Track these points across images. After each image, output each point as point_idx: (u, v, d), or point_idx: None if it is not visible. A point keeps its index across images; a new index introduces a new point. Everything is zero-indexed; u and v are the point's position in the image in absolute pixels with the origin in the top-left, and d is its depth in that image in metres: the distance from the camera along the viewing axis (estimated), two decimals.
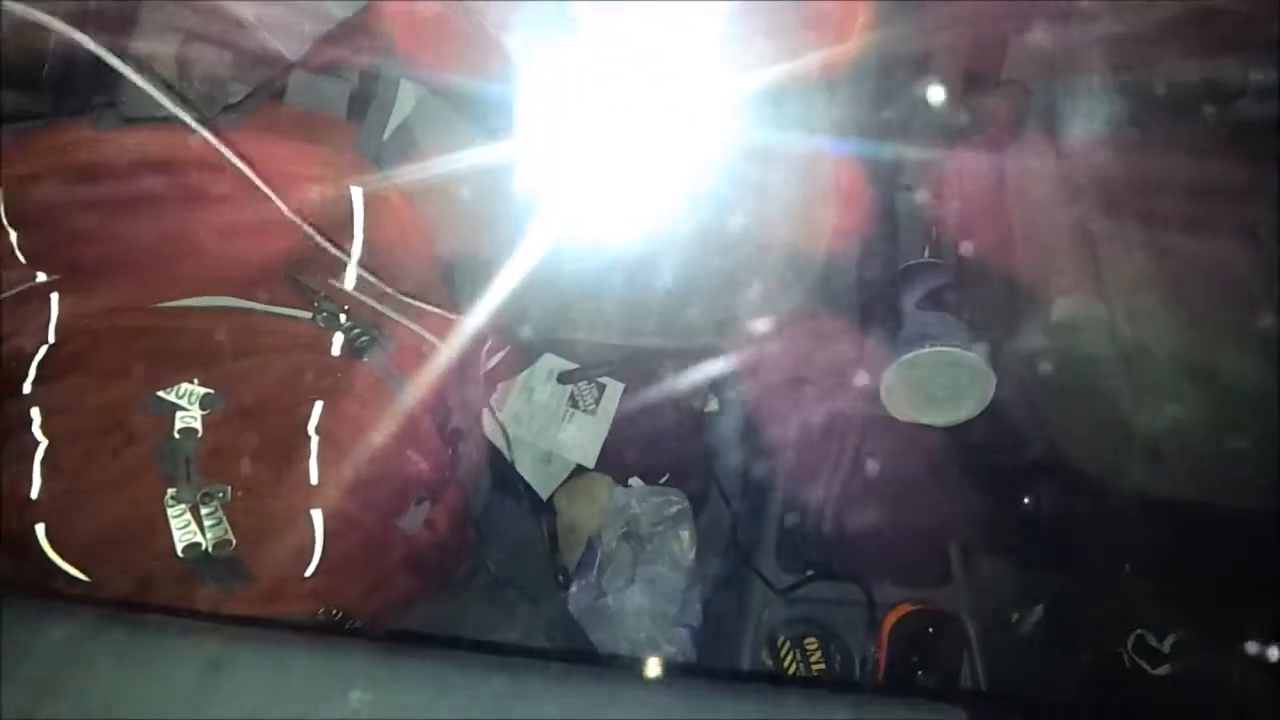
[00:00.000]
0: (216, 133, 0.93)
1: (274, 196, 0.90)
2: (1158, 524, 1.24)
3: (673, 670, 1.24)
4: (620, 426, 1.45)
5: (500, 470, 1.45)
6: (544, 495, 1.45)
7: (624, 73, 1.12)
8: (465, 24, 1.11)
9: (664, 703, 0.72)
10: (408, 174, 1.05)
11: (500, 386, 1.42)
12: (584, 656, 1.26)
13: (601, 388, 1.45)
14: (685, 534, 1.36)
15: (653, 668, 1.24)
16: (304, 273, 0.99)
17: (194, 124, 0.85)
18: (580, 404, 1.44)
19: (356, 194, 0.98)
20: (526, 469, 1.44)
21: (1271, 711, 1.11)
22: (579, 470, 1.46)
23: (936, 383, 1.26)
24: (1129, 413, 1.14)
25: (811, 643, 1.31)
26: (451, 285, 1.13)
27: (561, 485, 1.45)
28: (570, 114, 1.13)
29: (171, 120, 0.92)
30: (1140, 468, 1.15)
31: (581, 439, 1.44)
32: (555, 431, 1.44)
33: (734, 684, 0.74)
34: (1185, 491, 1.16)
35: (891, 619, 1.29)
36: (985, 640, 1.36)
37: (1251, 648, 1.28)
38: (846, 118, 1.28)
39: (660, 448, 1.46)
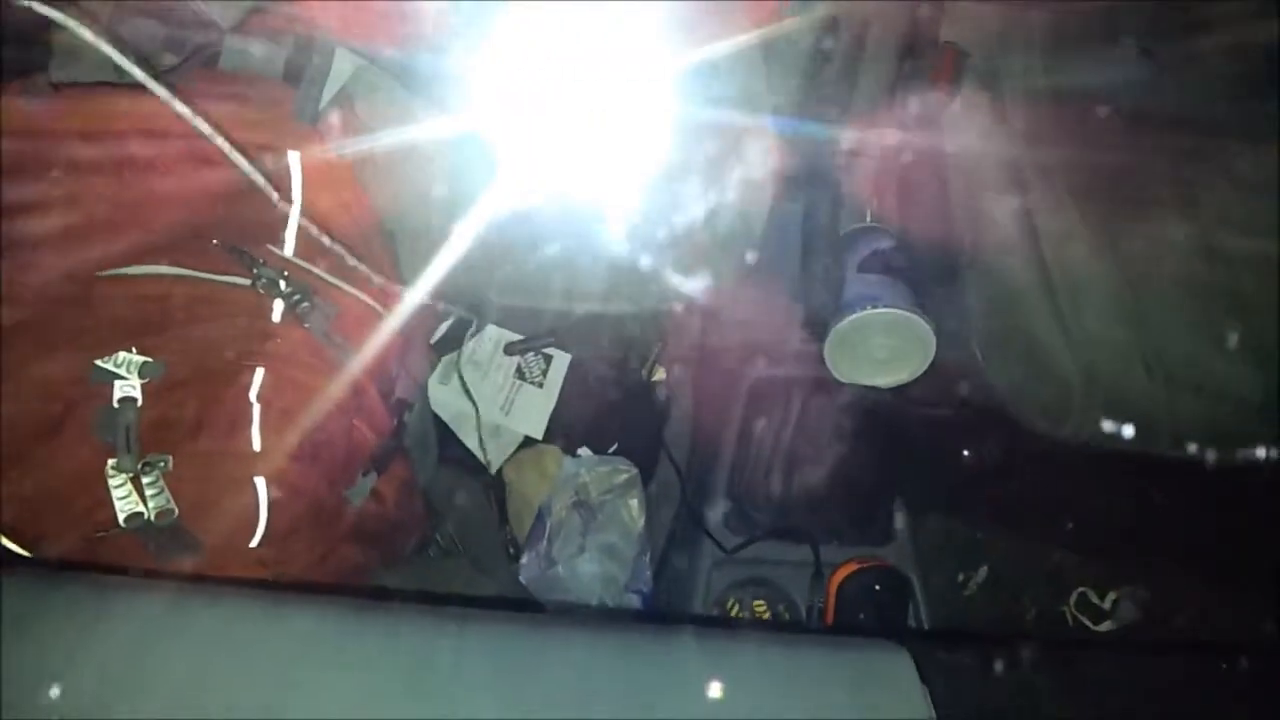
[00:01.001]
0: (149, 101, 0.92)
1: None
2: (1097, 476, 1.26)
3: (621, 617, 1.25)
4: (567, 397, 1.46)
5: (447, 443, 1.45)
6: (492, 468, 1.45)
7: (565, 43, 1.12)
8: None
9: (614, 647, 0.72)
10: (347, 140, 1.05)
11: (444, 359, 1.42)
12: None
13: (548, 359, 1.45)
14: (634, 501, 1.37)
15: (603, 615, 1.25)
16: (242, 239, 0.98)
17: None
18: (527, 376, 1.45)
19: (294, 158, 0.97)
20: (474, 442, 1.44)
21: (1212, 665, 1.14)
22: (527, 442, 1.46)
23: (879, 344, 1.28)
24: (1064, 364, 1.16)
25: (760, 604, 1.32)
26: (393, 253, 1.13)
27: (510, 457, 1.45)
28: (512, 83, 1.13)
29: (102, 87, 0.92)
30: (1077, 418, 1.17)
31: (529, 411, 1.44)
32: (503, 404, 1.44)
33: (681, 628, 0.75)
34: (1123, 442, 1.18)
35: (839, 576, 1.30)
36: (930, 597, 1.38)
37: (1190, 601, 1.31)
38: (786, 85, 1.29)
39: (608, 417, 1.46)
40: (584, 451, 1.43)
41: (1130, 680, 0.79)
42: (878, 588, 1.30)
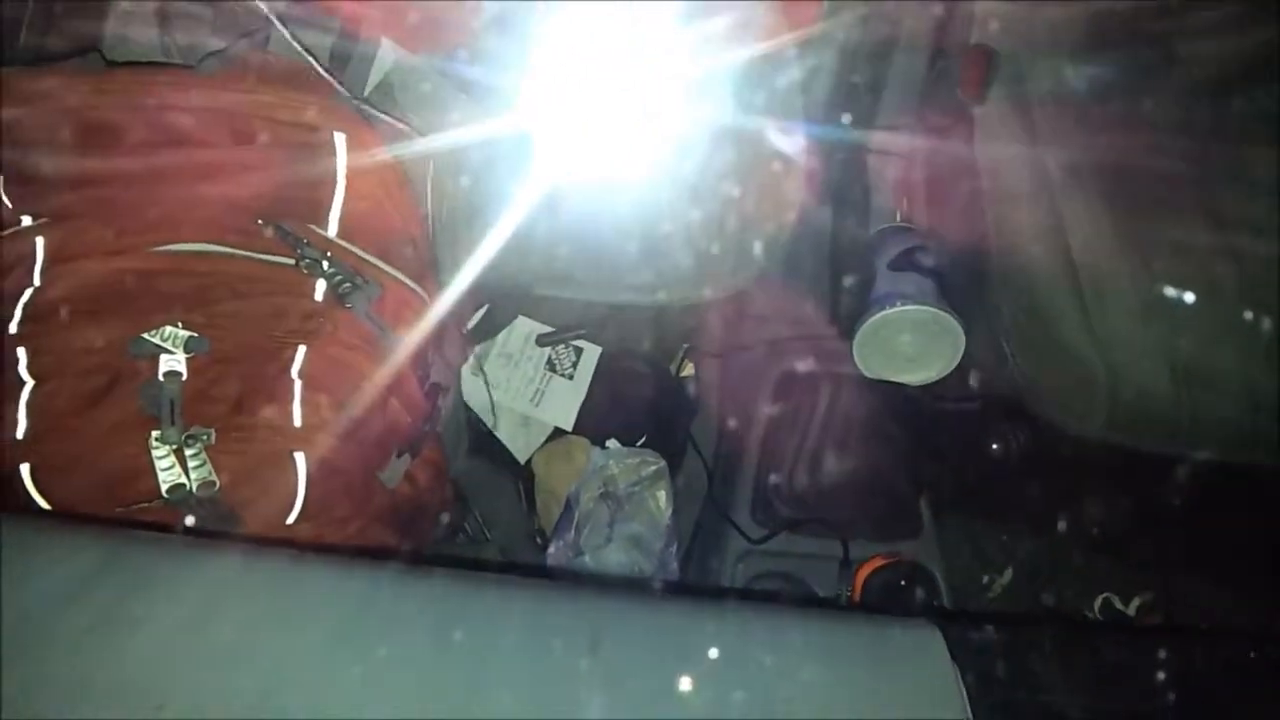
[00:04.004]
0: (200, 80, 0.95)
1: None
2: (1122, 476, 1.27)
3: (646, 587, 1.26)
4: (597, 390, 1.47)
5: (477, 433, 1.46)
6: (521, 458, 1.47)
7: (602, 43, 1.14)
8: None
9: (649, 617, 0.73)
10: (389, 126, 1.07)
11: (477, 349, 1.44)
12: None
13: (579, 352, 1.47)
14: (662, 493, 1.38)
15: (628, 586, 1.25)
16: (286, 219, 1.00)
17: None
18: (558, 368, 1.46)
19: (340, 140, 0.99)
20: (504, 432, 1.46)
21: (1232, 670, 1.14)
22: (556, 433, 1.47)
23: (907, 341, 1.29)
24: (1090, 364, 1.16)
25: None
26: (432, 239, 1.15)
27: (539, 448, 1.47)
28: (549, 82, 1.15)
29: (152, 67, 0.94)
30: (1102, 418, 1.17)
31: (559, 403, 1.46)
32: (533, 396, 1.45)
33: (710, 601, 0.75)
34: (1148, 442, 1.19)
35: (865, 571, 1.31)
36: (955, 597, 1.39)
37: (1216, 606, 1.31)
38: (819, 85, 1.30)
39: (637, 411, 1.47)
40: (612, 443, 1.44)
41: (1158, 665, 0.79)
42: (903, 583, 1.30)
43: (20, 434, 0.94)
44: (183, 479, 0.95)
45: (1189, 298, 1.15)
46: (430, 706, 0.63)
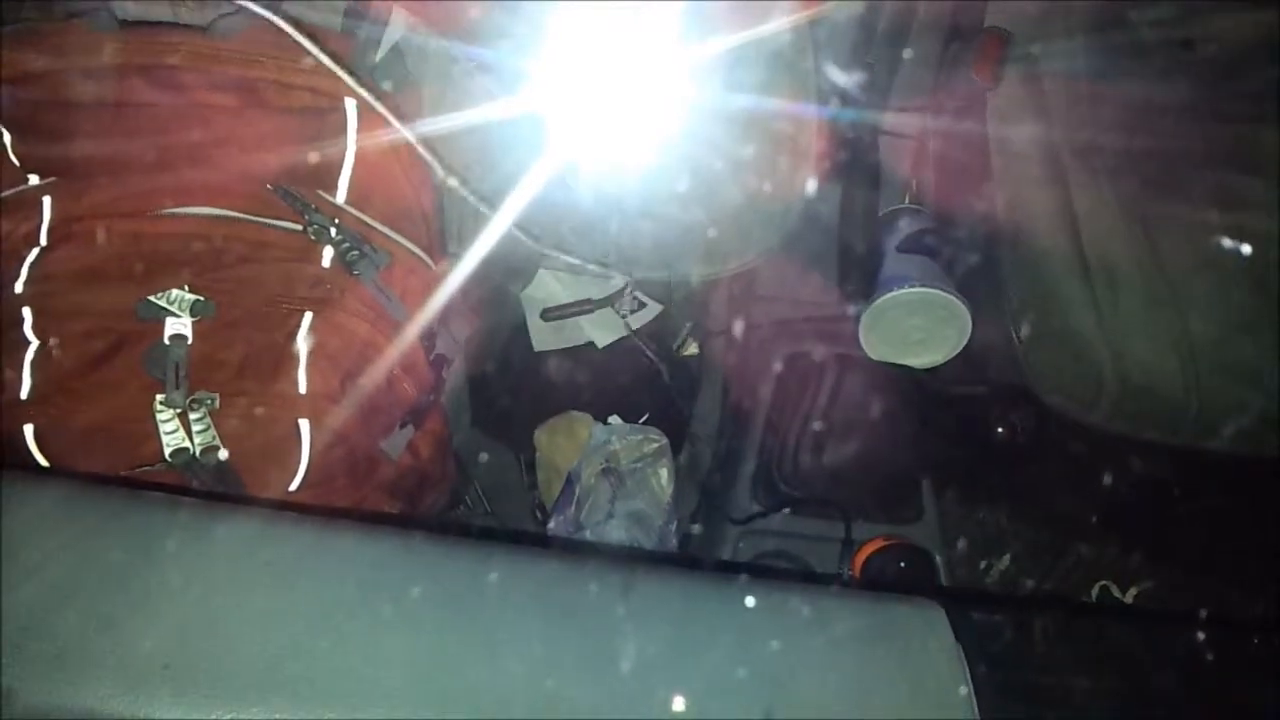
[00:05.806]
0: (211, 44, 0.94)
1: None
2: (1125, 464, 1.27)
3: (650, 559, 1.25)
4: (601, 368, 1.46)
5: (479, 406, 1.46)
6: (536, 347, 1.47)
7: (614, 20, 1.13)
8: None
9: (639, 592, 0.73)
10: (401, 95, 1.06)
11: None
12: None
13: (641, 304, 1.45)
14: (664, 471, 1.38)
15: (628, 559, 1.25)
16: (295, 184, 0.99)
17: None
18: (615, 307, 1.43)
19: (350, 106, 0.98)
20: (532, 321, 1.46)
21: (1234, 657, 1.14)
22: (558, 410, 1.47)
23: (914, 324, 1.28)
24: (1097, 349, 1.16)
25: None
26: (442, 211, 1.14)
27: (542, 424, 1.46)
28: (562, 54, 1.14)
29: (164, 26, 0.94)
30: (1108, 403, 1.17)
31: (602, 326, 1.46)
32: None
33: (711, 575, 0.75)
34: (1154, 429, 1.19)
35: (865, 552, 1.31)
36: (953, 581, 1.39)
37: (1214, 598, 1.31)
38: (832, 65, 1.29)
39: (640, 388, 1.47)
40: (615, 419, 1.44)
41: (1159, 648, 0.79)
42: (903, 565, 1.30)
43: (24, 395, 0.93)
44: (186, 443, 0.95)
45: (1199, 282, 1.15)
46: (468, 652, 0.64)
